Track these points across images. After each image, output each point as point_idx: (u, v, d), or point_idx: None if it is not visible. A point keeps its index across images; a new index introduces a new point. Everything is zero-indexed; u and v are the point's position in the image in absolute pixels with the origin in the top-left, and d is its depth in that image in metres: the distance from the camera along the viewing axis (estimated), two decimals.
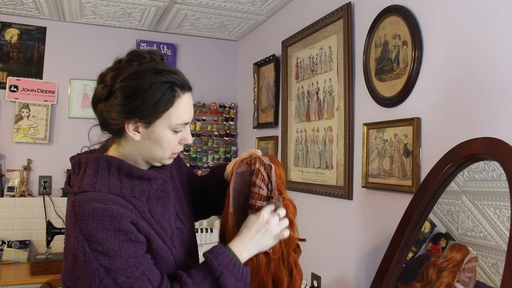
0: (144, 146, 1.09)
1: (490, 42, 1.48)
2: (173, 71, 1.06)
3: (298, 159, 2.70)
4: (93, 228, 0.97)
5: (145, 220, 1.08)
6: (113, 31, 3.57)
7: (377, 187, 1.96)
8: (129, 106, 1.02)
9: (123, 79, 1.03)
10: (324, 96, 2.44)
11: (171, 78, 1.04)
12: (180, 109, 1.06)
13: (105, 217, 0.98)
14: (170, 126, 1.06)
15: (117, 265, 0.98)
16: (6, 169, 3.23)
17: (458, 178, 1.43)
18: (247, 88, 3.62)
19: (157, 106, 1.03)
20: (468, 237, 1.36)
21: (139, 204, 1.09)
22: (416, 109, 1.78)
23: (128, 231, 1.00)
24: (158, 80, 1.03)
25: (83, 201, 1.00)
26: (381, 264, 1.56)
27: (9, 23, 3.31)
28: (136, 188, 1.09)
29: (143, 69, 1.04)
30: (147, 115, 1.03)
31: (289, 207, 1.17)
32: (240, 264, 1.07)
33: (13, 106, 3.28)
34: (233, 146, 3.78)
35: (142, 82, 1.02)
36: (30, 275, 2.76)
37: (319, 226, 2.45)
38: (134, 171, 1.08)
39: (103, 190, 1.03)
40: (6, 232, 3.13)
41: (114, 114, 1.04)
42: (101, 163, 1.07)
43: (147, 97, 1.02)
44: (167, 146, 1.09)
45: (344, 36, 2.23)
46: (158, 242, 1.08)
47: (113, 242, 0.98)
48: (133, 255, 1.00)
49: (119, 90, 1.03)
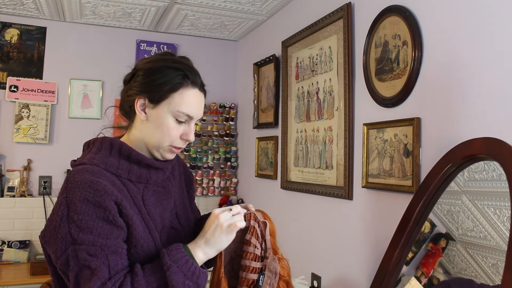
0: (147, 130, 1.13)
1: (490, 42, 1.48)
2: (191, 67, 1.15)
3: (298, 159, 2.70)
4: (77, 196, 1.00)
5: (135, 204, 1.09)
6: (113, 31, 3.57)
7: (377, 187, 1.96)
8: (142, 82, 1.12)
9: (146, 62, 1.16)
10: (324, 96, 2.44)
11: (185, 70, 1.13)
12: (184, 98, 1.11)
13: (90, 188, 1.00)
14: (172, 112, 1.11)
15: (84, 239, 0.98)
16: (6, 169, 3.23)
17: (458, 178, 1.43)
18: (247, 88, 3.62)
19: (164, 85, 1.10)
20: (468, 237, 1.36)
21: (133, 189, 1.11)
22: (416, 109, 1.78)
23: (107, 209, 1.00)
24: (173, 66, 1.13)
25: (78, 171, 1.05)
26: (381, 264, 1.56)
27: (9, 23, 3.31)
28: (133, 172, 1.12)
29: (162, 57, 1.17)
30: (154, 92, 1.11)
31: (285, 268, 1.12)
32: (193, 262, 1.04)
33: (13, 106, 3.28)
34: (233, 146, 3.78)
35: (159, 64, 1.13)
36: (30, 275, 2.76)
37: (319, 226, 2.45)
38: (133, 155, 1.12)
39: (100, 165, 1.08)
40: (6, 232, 3.13)
41: (130, 91, 1.14)
42: (104, 143, 1.13)
43: (158, 76, 1.11)
44: (166, 132, 1.12)
45: (344, 36, 2.23)
46: (141, 230, 1.07)
47: (89, 215, 0.99)
48: (104, 235, 1.00)
49: (140, 71, 1.15)
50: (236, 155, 3.81)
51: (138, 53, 3.61)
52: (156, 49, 3.66)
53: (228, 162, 3.75)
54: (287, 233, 2.82)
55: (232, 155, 3.76)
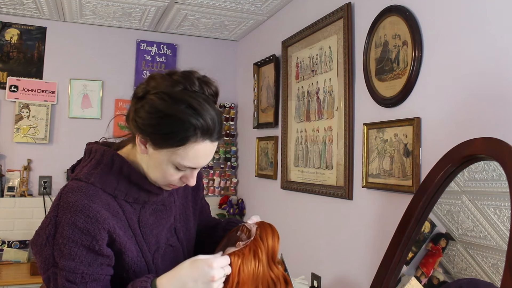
0: (145, 162, 1.05)
1: (490, 42, 1.48)
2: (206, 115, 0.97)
3: (298, 159, 2.70)
4: (66, 219, 0.95)
5: (130, 227, 1.04)
6: (113, 31, 3.57)
7: (377, 187, 1.95)
8: (147, 122, 0.98)
9: (157, 93, 0.98)
10: (324, 96, 2.43)
11: (197, 120, 0.96)
12: (189, 153, 0.98)
13: (81, 214, 0.95)
14: (173, 162, 1.00)
15: (65, 265, 0.95)
16: (6, 169, 3.23)
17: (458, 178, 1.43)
18: (247, 88, 3.62)
19: (168, 138, 0.97)
20: (468, 237, 1.36)
21: (129, 210, 1.05)
22: (416, 109, 1.78)
23: (95, 238, 0.95)
24: (184, 117, 0.95)
25: (72, 189, 0.99)
26: (381, 264, 1.56)
27: (9, 23, 3.31)
28: (131, 194, 1.05)
29: (180, 96, 0.97)
30: (156, 140, 0.98)
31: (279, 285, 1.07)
32: None
33: (13, 106, 3.28)
34: (233, 146, 3.78)
35: (169, 107, 0.96)
36: (30, 275, 2.76)
37: (319, 226, 2.45)
38: (133, 177, 1.05)
39: (96, 185, 1.01)
40: (6, 232, 3.13)
41: (134, 120, 1.01)
42: (105, 157, 1.05)
43: (164, 124, 0.96)
44: (163, 176, 1.03)
45: (344, 36, 2.23)
46: (134, 254, 1.03)
47: (74, 241, 0.95)
48: (86, 263, 0.96)
49: (147, 101, 0.98)
50: (236, 155, 3.81)
51: (138, 53, 3.61)
52: (156, 49, 3.66)
53: (228, 162, 3.75)
54: (287, 233, 2.82)
55: (232, 155, 3.76)
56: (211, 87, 1.02)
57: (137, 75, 3.61)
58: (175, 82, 0.99)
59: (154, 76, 1.02)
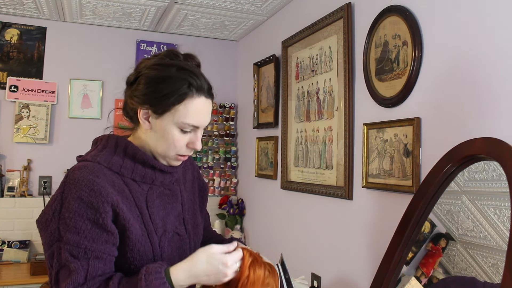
0: (152, 137, 1.10)
1: (490, 42, 1.48)
2: (196, 73, 1.09)
3: (298, 159, 2.70)
4: (72, 193, 0.99)
5: (137, 206, 1.07)
6: (113, 31, 3.57)
7: (377, 187, 1.95)
8: (145, 92, 1.07)
9: (148, 67, 1.09)
10: (324, 96, 2.44)
11: (190, 78, 1.07)
12: (189, 109, 1.06)
13: (86, 188, 0.99)
14: (176, 123, 1.07)
15: (69, 239, 0.97)
16: (6, 169, 3.23)
17: (458, 178, 1.43)
18: (247, 88, 3.62)
19: (167, 97, 1.05)
20: (468, 237, 1.36)
21: (137, 189, 1.09)
22: (416, 109, 1.78)
23: (98, 211, 0.98)
24: (177, 75, 1.06)
25: (78, 168, 1.04)
26: (381, 264, 1.56)
27: (9, 23, 3.31)
28: (137, 172, 1.10)
29: (169, 63, 1.09)
30: (157, 104, 1.06)
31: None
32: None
33: (13, 106, 3.28)
34: (233, 146, 3.78)
35: (162, 73, 1.07)
36: (30, 275, 2.76)
37: (319, 226, 2.45)
38: (138, 154, 1.10)
39: (102, 163, 1.06)
40: (6, 232, 3.13)
41: (132, 99, 1.09)
42: (110, 141, 1.12)
43: (161, 87, 1.05)
44: (171, 142, 1.08)
45: (344, 36, 2.23)
46: (139, 233, 1.05)
47: (80, 215, 0.98)
48: (90, 238, 0.98)
49: (142, 77, 1.08)
50: (236, 155, 3.81)
51: (138, 53, 3.61)
52: (156, 49, 3.66)
53: (228, 162, 3.75)
54: (287, 233, 2.82)
55: (232, 155, 3.76)
56: (195, 59, 1.15)
57: None
58: (161, 57, 1.12)
59: (141, 61, 1.15)
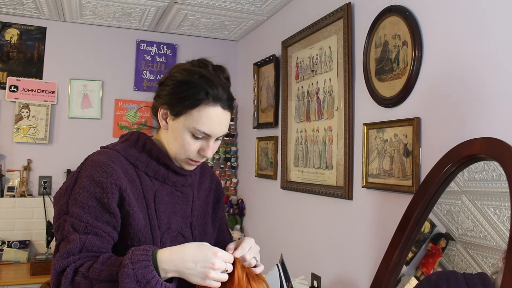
0: (167, 138, 1.15)
1: (490, 42, 1.48)
2: (215, 82, 1.11)
3: (298, 159, 2.70)
4: (86, 172, 1.05)
5: (144, 198, 1.10)
6: (113, 31, 3.57)
7: (377, 187, 1.96)
8: (167, 92, 1.12)
9: (177, 70, 1.15)
10: (324, 96, 2.43)
11: (208, 86, 1.10)
12: (202, 116, 1.09)
13: (99, 168, 1.05)
14: (188, 128, 1.09)
15: (74, 212, 1.01)
16: (6, 169, 3.23)
17: (458, 178, 1.43)
18: (247, 88, 3.62)
19: (183, 100, 1.09)
20: (468, 237, 1.36)
21: (148, 183, 1.13)
22: (416, 109, 1.78)
23: (105, 191, 1.03)
24: (197, 81, 1.10)
25: (98, 152, 1.11)
26: (381, 264, 1.56)
27: (9, 23, 3.31)
28: (151, 167, 1.14)
29: (194, 70, 1.14)
30: (174, 105, 1.11)
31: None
32: (153, 270, 0.93)
33: (13, 106, 3.28)
34: (233, 146, 3.78)
35: (185, 77, 1.11)
36: (30, 275, 2.76)
37: (319, 226, 2.45)
38: (154, 151, 1.15)
39: (120, 152, 1.13)
40: (6, 232, 3.13)
41: (157, 99, 1.17)
42: (133, 136, 1.19)
43: (180, 90, 1.10)
44: (182, 146, 1.12)
45: (344, 36, 2.23)
46: (142, 224, 1.07)
47: (87, 191, 1.03)
48: (93, 215, 1.02)
49: (169, 79, 1.15)
50: (236, 155, 3.81)
51: (138, 53, 3.61)
52: (156, 49, 3.66)
53: (228, 162, 3.74)
54: (287, 233, 2.82)
55: (232, 155, 3.76)
56: (224, 72, 1.21)
57: (137, 75, 3.61)
58: (192, 64, 1.18)
59: (174, 65, 1.21)
